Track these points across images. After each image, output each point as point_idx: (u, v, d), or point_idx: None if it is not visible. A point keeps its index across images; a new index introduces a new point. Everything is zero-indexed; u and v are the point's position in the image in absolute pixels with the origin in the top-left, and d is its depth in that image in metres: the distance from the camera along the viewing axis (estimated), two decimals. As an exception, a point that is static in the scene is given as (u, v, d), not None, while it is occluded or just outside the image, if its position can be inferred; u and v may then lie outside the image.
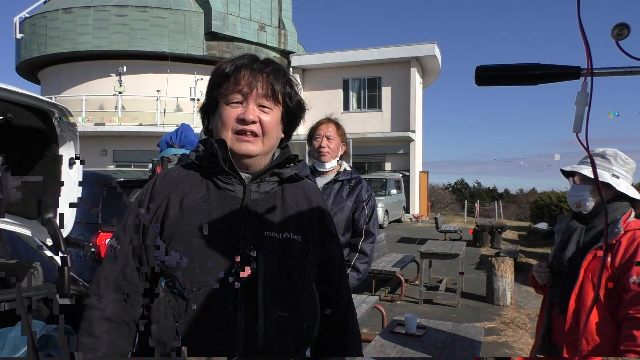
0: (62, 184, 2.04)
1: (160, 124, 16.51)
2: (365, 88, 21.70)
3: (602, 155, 1.99)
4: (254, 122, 1.20)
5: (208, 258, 1.12)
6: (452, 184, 37.78)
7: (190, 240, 1.14)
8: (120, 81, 17.71)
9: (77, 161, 2.07)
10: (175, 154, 2.74)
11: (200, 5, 19.74)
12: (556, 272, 2.06)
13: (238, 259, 1.13)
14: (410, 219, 19.80)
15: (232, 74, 1.21)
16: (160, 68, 18.17)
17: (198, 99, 17.89)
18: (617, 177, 1.94)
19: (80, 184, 2.09)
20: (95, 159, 16.95)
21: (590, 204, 1.98)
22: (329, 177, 2.74)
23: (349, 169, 2.79)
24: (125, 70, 17.70)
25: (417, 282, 7.05)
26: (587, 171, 1.95)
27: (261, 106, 1.21)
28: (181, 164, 1.35)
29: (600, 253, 1.88)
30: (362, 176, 3.26)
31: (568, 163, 2.07)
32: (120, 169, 8.74)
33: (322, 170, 2.74)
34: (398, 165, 20.99)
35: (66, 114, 1.96)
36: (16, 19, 20.39)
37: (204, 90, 1.32)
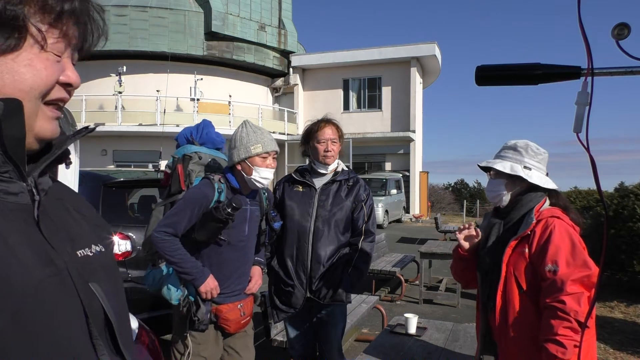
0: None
1: (160, 124, 16.49)
2: (365, 88, 21.70)
3: (514, 148, 2.00)
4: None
5: None
6: (452, 184, 37.75)
7: None
8: (120, 81, 17.68)
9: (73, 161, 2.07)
10: (195, 152, 2.59)
11: (200, 5, 19.73)
12: (481, 270, 2.06)
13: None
14: (410, 219, 19.79)
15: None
16: (160, 68, 18.16)
17: (198, 99, 17.86)
18: (529, 169, 1.95)
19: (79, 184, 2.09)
20: (95, 159, 16.93)
21: (507, 197, 1.99)
22: (327, 177, 2.74)
23: (346, 168, 2.80)
24: (125, 70, 17.66)
25: (417, 282, 7.05)
26: (500, 165, 1.97)
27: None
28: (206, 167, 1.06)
29: (515, 244, 1.90)
30: (362, 176, 3.27)
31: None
32: (120, 169, 8.74)
33: (323, 172, 2.74)
34: (398, 165, 20.99)
35: (66, 114, 1.96)
36: (16, 19, 20.37)
37: (204, 90, 1.29)
